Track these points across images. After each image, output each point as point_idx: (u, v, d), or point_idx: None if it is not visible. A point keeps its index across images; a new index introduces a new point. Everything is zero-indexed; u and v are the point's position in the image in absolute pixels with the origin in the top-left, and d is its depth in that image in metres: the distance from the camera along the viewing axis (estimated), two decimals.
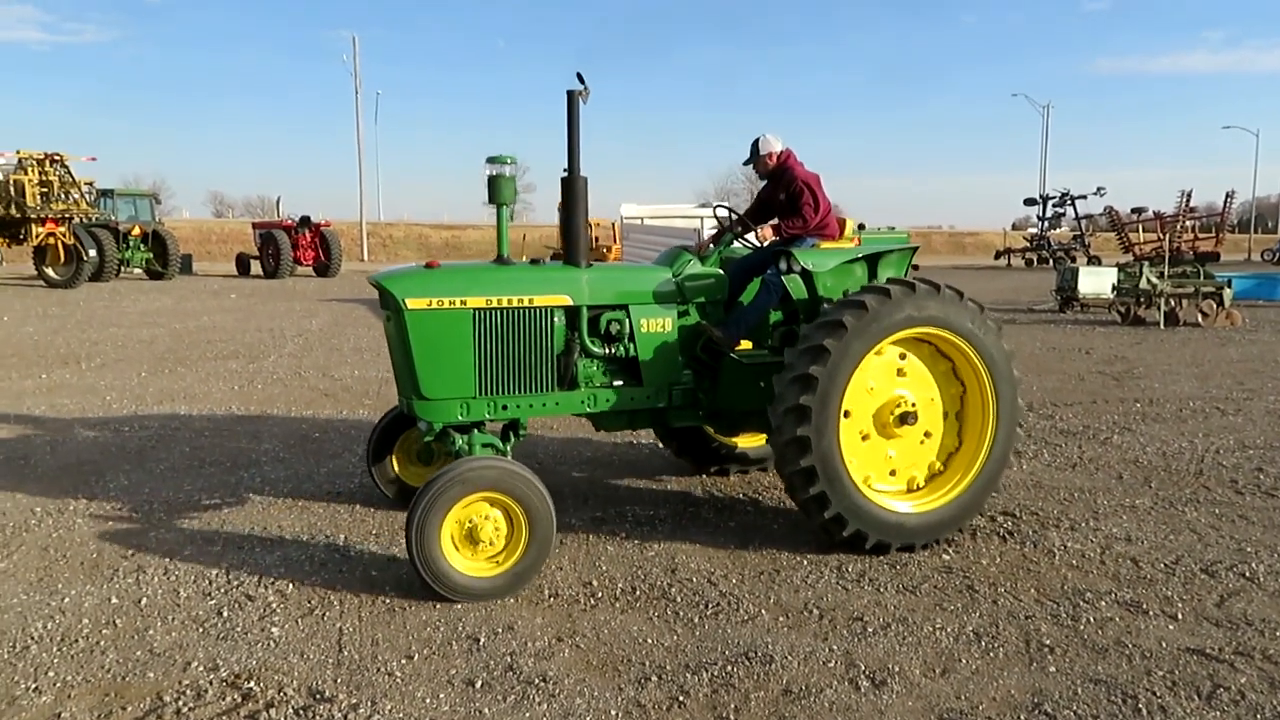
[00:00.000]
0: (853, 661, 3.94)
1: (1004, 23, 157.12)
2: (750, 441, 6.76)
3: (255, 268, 31.91)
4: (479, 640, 4.12)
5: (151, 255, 29.18)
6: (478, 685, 3.73)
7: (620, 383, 5.52)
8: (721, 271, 5.81)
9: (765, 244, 6.10)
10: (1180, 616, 4.39)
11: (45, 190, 25.01)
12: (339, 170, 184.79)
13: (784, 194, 5.94)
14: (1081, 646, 4.08)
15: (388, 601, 4.52)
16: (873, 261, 5.67)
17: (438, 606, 4.46)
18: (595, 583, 4.78)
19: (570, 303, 5.28)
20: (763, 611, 4.44)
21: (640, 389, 5.53)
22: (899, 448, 5.33)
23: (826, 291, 5.51)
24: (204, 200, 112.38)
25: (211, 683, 3.72)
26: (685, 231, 16.09)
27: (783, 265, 5.55)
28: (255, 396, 9.83)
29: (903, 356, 5.29)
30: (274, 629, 4.21)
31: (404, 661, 3.92)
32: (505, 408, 5.22)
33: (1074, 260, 38.20)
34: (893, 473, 5.35)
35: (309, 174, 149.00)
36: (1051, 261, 40.85)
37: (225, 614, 4.36)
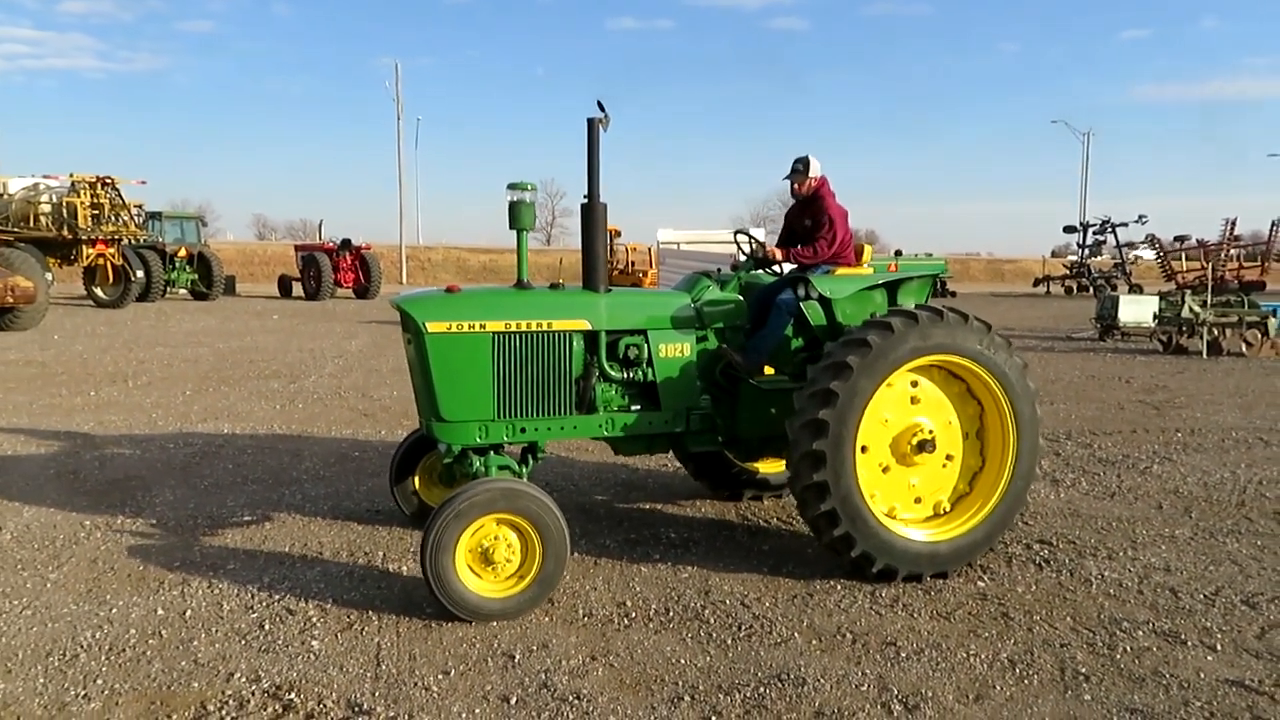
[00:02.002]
0: (886, 686, 3.94)
1: (1045, 52, 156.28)
2: (771, 467, 6.71)
3: (297, 289, 32.43)
4: (514, 657, 4.17)
5: (196, 276, 29.79)
6: (512, 701, 3.78)
7: (638, 407, 5.55)
8: (740, 297, 5.84)
9: (778, 266, 6.09)
10: (1219, 648, 4.34)
11: (96, 212, 25.62)
12: (380, 194, 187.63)
13: (810, 220, 5.98)
14: (1118, 676, 4.06)
15: (425, 618, 4.59)
16: (893, 288, 5.73)
17: (474, 624, 4.52)
18: (629, 603, 4.82)
19: (589, 327, 5.32)
20: (796, 634, 4.46)
21: (658, 413, 5.55)
22: (921, 475, 5.31)
23: (846, 318, 5.57)
24: (248, 223, 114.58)
25: (254, 693, 3.80)
26: (721, 257, 16.18)
27: (800, 292, 5.61)
28: (296, 415, 10.01)
29: (914, 384, 5.27)
30: (314, 642, 4.29)
31: (441, 677, 3.98)
32: (523, 430, 5.26)
33: (1115, 288, 37.75)
34: (918, 500, 5.33)
35: (351, 198, 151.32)
36: (1092, 289, 40.40)
37: (267, 627, 4.46)
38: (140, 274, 26.09)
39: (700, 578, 5.20)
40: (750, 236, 6.09)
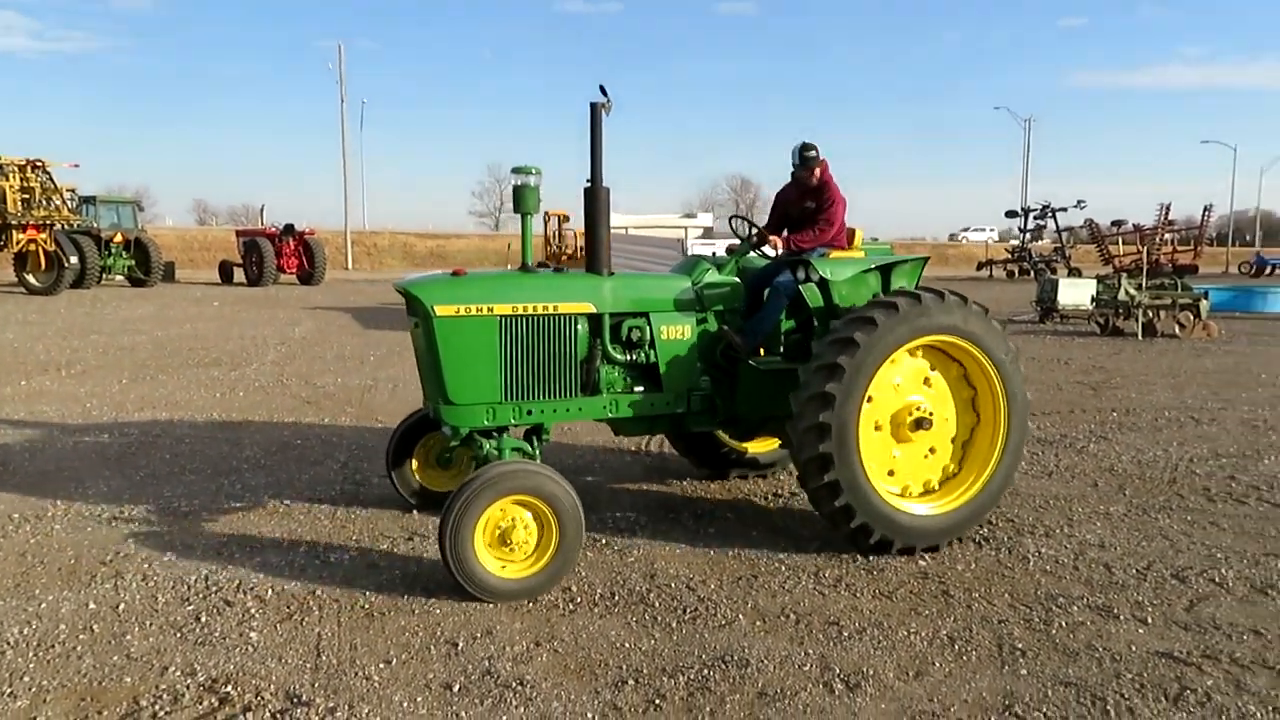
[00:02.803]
0: (828, 665, 3.98)
1: (987, 39, 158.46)
2: (759, 447, 6.87)
3: (238, 275, 31.76)
4: (457, 645, 4.14)
5: (134, 262, 29.00)
6: (455, 689, 3.75)
7: (641, 389, 5.63)
8: (738, 280, 5.92)
9: (778, 253, 6.11)
10: (1150, 621, 4.46)
11: (26, 197, 24.84)
12: (324, 179, 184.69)
13: (812, 203, 6.08)
14: (1053, 650, 4.14)
15: (367, 607, 4.53)
16: (886, 272, 5.89)
17: (416, 612, 4.48)
18: (574, 588, 4.80)
19: (593, 310, 5.38)
20: (740, 616, 4.48)
21: (660, 395, 5.63)
22: (917, 451, 5.47)
23: (842, 300, 5.67)
24: (188, 208, 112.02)
25: (189, 687, 3.73)
26: (669, 241, 16.18)
27: (800, 274, 5.69)
28: (237, 404, 9.81)
29: (913, 361, 5.45)
30: (252, 634, 4.22)
31: (382, 666, 3.94)
32: (530, 413, 5.30)
33: (1055, 272, 38.50)
34: (916, 475, 5.52)
35: (294, 182, 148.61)
36: (1033, 273, 41.14)
37: (203, 619, 4.37)
38: (74, 260, 25.33)
39: (646, 562, 5.20)
40: (747, 220, 6.15)
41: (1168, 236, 42.36)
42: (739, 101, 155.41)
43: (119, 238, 28.50)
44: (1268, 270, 47.27)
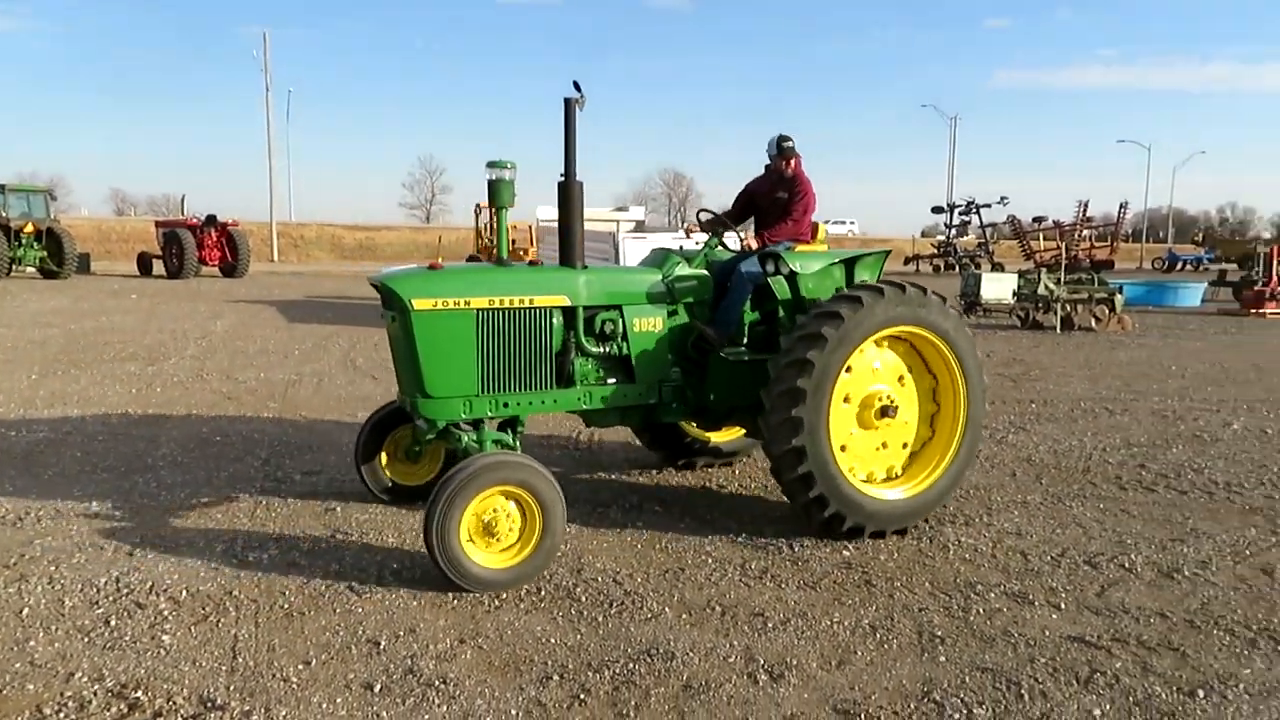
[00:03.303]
0: (752, 656, 4.01)
1: (915, 37, 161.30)
2: (722, 436, 7.02)
3: (158, 268, 30.81)
4: (379, 644, 4.07)
5: (46, 254, 27.95)
6: (376, 689, 3.68)
7: (614, 380, 5.70)
8: (707, 273, 6.00)
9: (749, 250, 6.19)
10: (1063, 606, 4.58)
11: None
12: (249, 169, 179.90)
13: (785, 193, 6.21)
14: (971, 637, 4.23)
15: (286, 607, 4.43)
16: (850, 265, 6.04)
17: (337, 611, 4.40)
18: None
19: (568, 303, 5.43)
20: (666, 609, 4.49)
21: (633, 386, 5.70)
22: (882, 439, 5.63)
23: (808, 293, 5.81)
24: (104, 198, 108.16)
25: (96, 693, 3.60)
26: (601, 235, 16.08)
27: (769, 266, 5.76)
28: (154, 400, 9.52)
29: (878, 353, 5.59)
30: (165, 637, 4.09)
31: (301, 667, 3.85)
32: (506, 405, 5.33)
33: (979, 267, 39.39)
34: (879, 463, 5.68)
35: (217, 173, 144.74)
36: (958, 268, 42.02)
37: (113, 623, 4.22)
38: None
39: (573, 556, 5.18)
40: (714, 214, 6.26)
41: (1086, 233, 43.62)
42: (671, 96, 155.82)
43: (30, 228, 27.45)
44: (1179, 266, 49.03)
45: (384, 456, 6.02)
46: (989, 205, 46.22)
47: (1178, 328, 18.87)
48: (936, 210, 49.77)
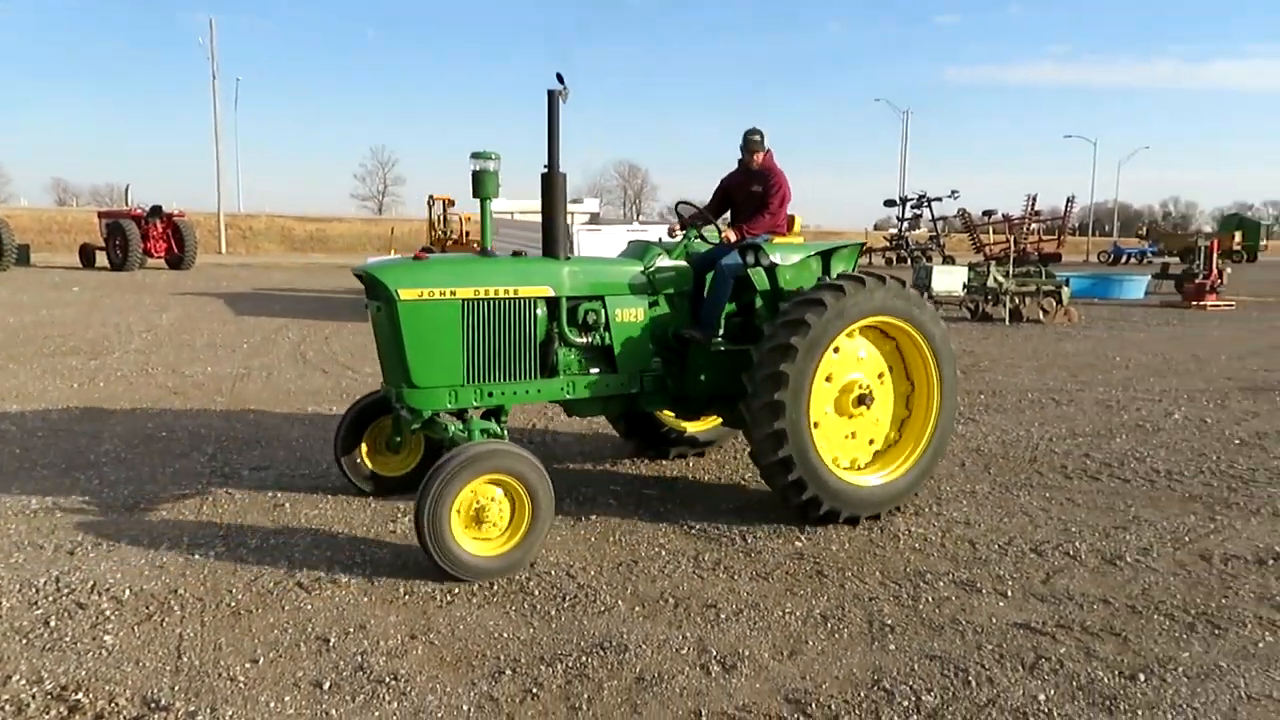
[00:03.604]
0: (705, 647, 4.03)
1: (868, 32, 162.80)
2: (698, 426, 7.12)
3: (101, 260, 30.07)
4: (329, 641, 4.02)
5: None
6: (326, 687, 3.64)
7: (596, 370, 5.77)
8: (686, 264, 6.11)
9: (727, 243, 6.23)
10: (1010, 594, 4.66)
11: None
12: (196, 159, 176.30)
13: (760, 187, 6.29)
14: (920, 625, 4.29)
15: (233, 605, 4.36)
16: (826, 257, 6.24)
17: (286, 608, 4.33)
18: (453, 579, 4.72)
19: (552, 293, 5.49)
20: (619, 602, 4.49)
21: (615, 376, 5.78)
22: (858, 427, 5.77)
23: (787, 284, 5.90)
24: (45, 187, 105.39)
25: (35, 696, 3.51)
26: None
27: (749, 258, 5.81)
28: (96, 394, 9.30)
29: (854, 343, 5.72)
30: (106, 637, 4.00)
31: (248, 665, 3.79)
32: (491, 395, 5.38)
33: (930, 259, 39.89)
34: (855, 450, 5.81)
35: (163, 162, 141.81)
36: (909, 260, 42.52)
37: (53, 623, 4.12)
38: None
39: None
40: (694, 206, 6.36)
41: (1034, 226, 44.41)
42: (627, 87, 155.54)
43: None
44: (1124, 259, 50.07)
45: (364, 448, 5.99)
46: (940, 199, 46.82)
47: (1122, 320, 19.26)
48: (889, 204, 50.29)
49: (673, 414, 6.81)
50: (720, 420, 6.93)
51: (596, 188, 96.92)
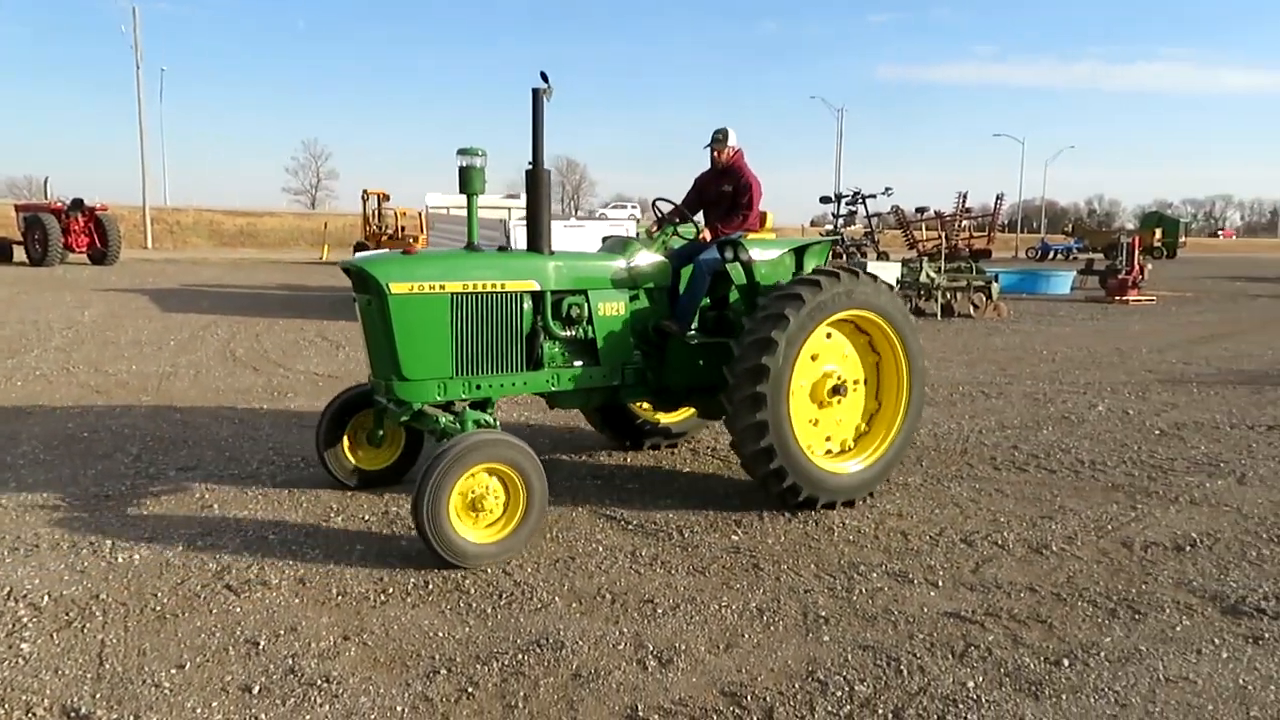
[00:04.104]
0: (642, 643, 4.03)
1: (802, 30, 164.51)
2: (671, 417, 7.31)
3: (19, 254, 29.04)
4: (258, 644, 3.93)
5: None
6: (255, 691, 3.56)
7: (580, 362, 5.88)
8: (666, 259, 6.24)
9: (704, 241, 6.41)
10: (941, 584, 4.75)
11: None
12: (120, 151, 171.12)
13: (730, 186, 6.46)
14: (854, 616, 4.35)
15: (158, 609, 4.24)
16: (800, 253, 6.47)
17: (214, 611, 4.23)
18: (386, 578, 4.66)
19: (537, 288, 5.58)
20: (556, 599, 4.47)
21: (598, 368, 5.91)
22: (832, 416, 5.98)
23: (762, 279, 6.09)
24: None
25: None
26: (491, 222, 15.88)
27: (728, 254, 5.98)
28: (14, 394, 8.98)
29: (828, 336, 5.89)
30: (24, 645, 3.86)
31: (174, 671, 3.69)
32: (479, 387, 5.47)
33: (865, 255, 40.42)
34: (828, 438, 6.02)
35: (85, 154, 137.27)
36: (845, 256, 43.04)
37: None
38: None
39: None
40: (672, 203, 6.50)
41: (965, 223, 45.31)
42: (563, 82, 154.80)
43: None
44: (1051, 255, 51.38)
45: (346, 441, 6.01)
46: (874, 196, 47.44)
47: (1049, 314, 19.76)
48: (825, 200, 50.83)
49: (650, 406, 6.96)
50: (692, 411, 7.14)
51: None
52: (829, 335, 5.88)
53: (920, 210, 45.07)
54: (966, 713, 3.51)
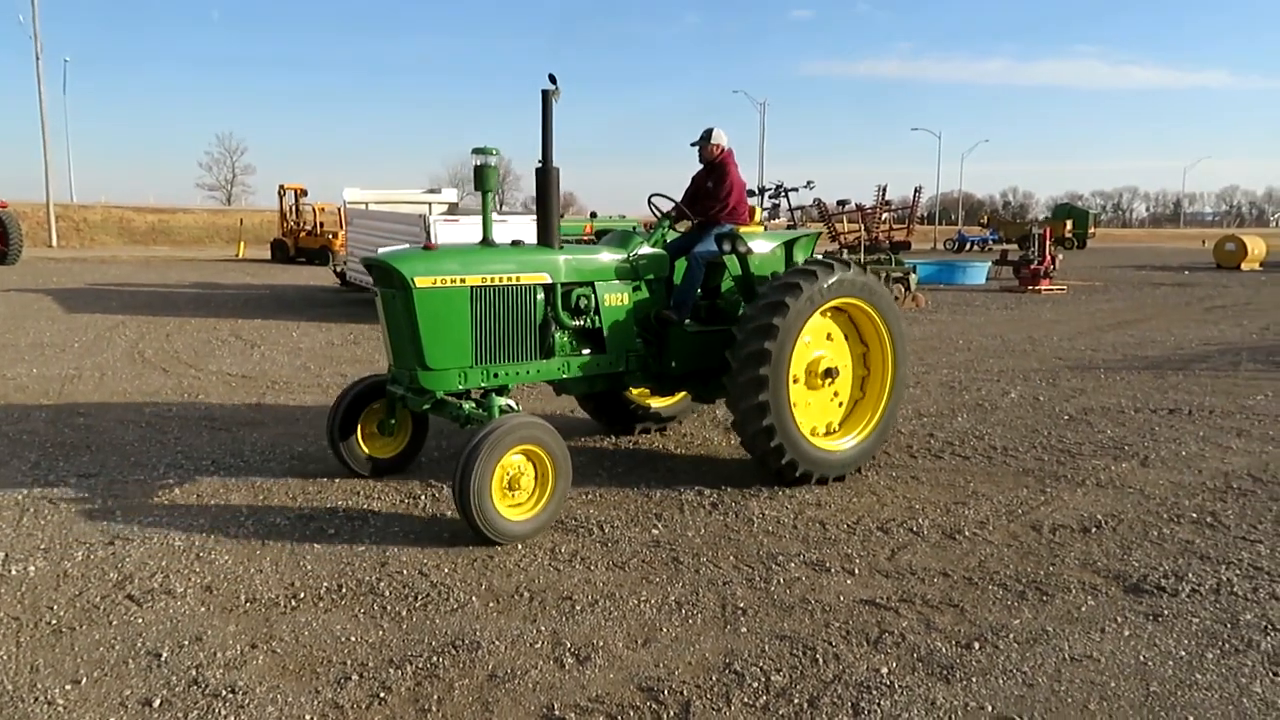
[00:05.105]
0: (559, 640, 4.00)
1: (724, 24, 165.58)
2: (661, 402, 7.68)
3: None
4: (161, 656, 3.80)
5: None
6: (156, 704, 3.44)
7: (587, 350, 6.22)
8: (665, 252, 6.58)
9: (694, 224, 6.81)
10: (857, 571, 4.81)
11: None
12: (20, 146, 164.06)
13: (713, 183, 6.83)
14: (771, 606, 4.37)
15: (54, 623, 4.07)
16: (789, 246, 6.90)
17: (114, 623, 4.07)
18: (298, 583, 4.55)
19: (549, 280, 5.89)
20: (473, 599, 4.41)
21: (604, 356, 6.24)
22: (823, 397, 6.39)
23: (756, 269, 6.46)
24: None
25: None
26: (411, 218, 15.61)
27: (726, 246, 6.26)
28: None
29: (820, 322, 6.27)
30: None
31: (69, 688, 3.54)
32: (496, 375, 5.73)
33: None
34: (821, 418, 6.42)
35: None
36: None
37: None
38: None
39: (377, 550, 5.01)
40: (669, 199, 6.72)
41: (885, 215, 46.11)
42: (486, 77, 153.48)
43: None
44: (968, 246, 52.64)
45: (359, 431, 6.18)
46: (797, 189, 47.92)
47: (965, 304, 20.23)
48: (749, 194, 51.00)
49: (650, 391, 7.24)
50: (681, 397, 7.61)
51: (458, 177, 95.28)
52: (821, 321, 6.27)
53: (841, 203, 45.69)
54: (880, 699, 3.56)
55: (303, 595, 4.41)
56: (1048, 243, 24.91)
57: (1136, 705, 3.54)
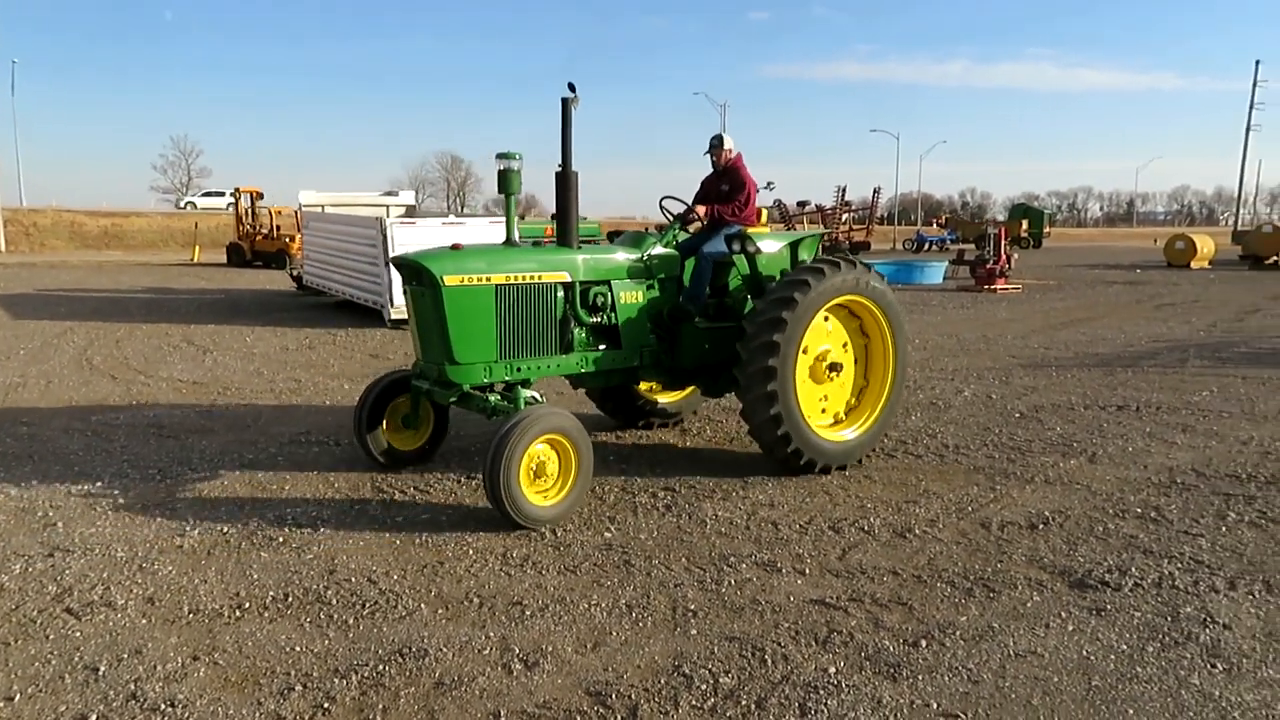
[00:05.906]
0: (508, 646, 3.97)
1: (685, 27, 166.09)
2: (668, 397, 7.95)
3: None
4: (98, 670, 3.72)
5: None
6: (91, 719, 3.36)
7: (604, 346, 6.49)
8: (677, 251, 6.83)
9: (704, 221, 7.04)
10: (808, 571, 4.83)
11: None
12: None
13: (727, 185, 7.06)
14: (721, 608, 4.38)
15: None
16: (794, 245, 7.07)
17: (50, 637, 3.98)
18: (243, 593, 4.47)
19: (568, 279, 6.15)
20: (422, 605, 4.37)
21: (620, 351, 6.51)
22: (828, 391, 6.68)
23: (763, 268, 6.75)
24: None
25: None
26: (368, 220, 15.48)
27: (735, 245, 6.52)
28: None
29: (826, 319, 6.56)
30: None
31: (2, 704, 3.45)
32: (519, 370, 6.00)
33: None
34: (824, 410, 6.73)
35: None
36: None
37: None
38: None
39: (325, 558, 4.94)
40: (681, 200, 6.96)
41: (845, 216, 46.52)
42: (447, 80, 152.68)
43: None
44: (926, 246, 53.18)
45: (384, 425, 6.48)
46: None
47: (922, 304, 20.42)
48: None
49: (661, 386, 7.56)
50: (688, 392, 7.86)
51: (418, 179, 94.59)
52: (826, 318, 6.53)
53: (802, 204, 46.04)
54: (827, 698, 3.57)
55: (248, 605, 4.34)
56: (1003, 242, 25.21)
57: (1079, 700, 3.59)
